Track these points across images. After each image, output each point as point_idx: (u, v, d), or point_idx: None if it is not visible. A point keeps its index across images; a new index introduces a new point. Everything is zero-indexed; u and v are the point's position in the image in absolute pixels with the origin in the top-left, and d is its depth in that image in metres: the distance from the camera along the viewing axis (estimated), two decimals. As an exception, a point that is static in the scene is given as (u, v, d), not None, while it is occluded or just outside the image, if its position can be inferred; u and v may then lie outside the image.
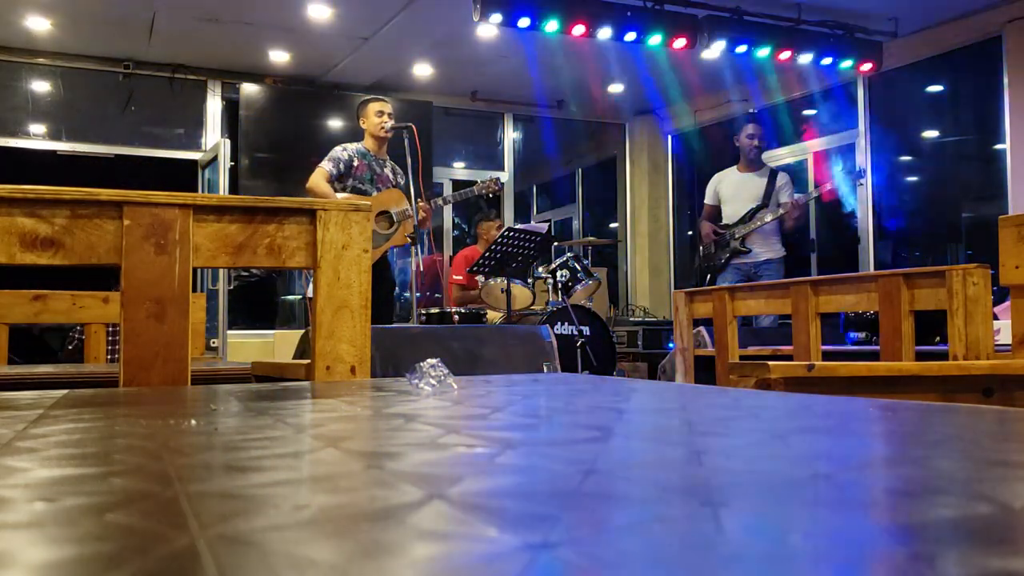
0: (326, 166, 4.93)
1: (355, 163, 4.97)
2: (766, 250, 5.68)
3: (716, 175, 6.04)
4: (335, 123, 7.52)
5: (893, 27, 6.54)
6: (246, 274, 7.64)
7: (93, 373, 2.42)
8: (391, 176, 5.11)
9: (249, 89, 7.29)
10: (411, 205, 4.73)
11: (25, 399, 1.18)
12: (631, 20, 5.77)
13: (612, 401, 1.16)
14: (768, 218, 5.64)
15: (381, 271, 5.03)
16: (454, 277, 6.30)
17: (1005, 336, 3.03)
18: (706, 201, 6.05)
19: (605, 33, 5.80)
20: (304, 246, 1.87)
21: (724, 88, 8.04)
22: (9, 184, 1.67)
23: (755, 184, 5.78)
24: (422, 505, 0.45)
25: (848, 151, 7.33)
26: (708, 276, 5.80)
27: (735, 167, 5.93)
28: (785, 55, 6.27)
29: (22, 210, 1.67)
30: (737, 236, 5.67)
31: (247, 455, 0.65)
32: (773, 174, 5.83)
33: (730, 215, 5.80)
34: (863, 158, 7.18)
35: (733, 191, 5.84)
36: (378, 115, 5.02)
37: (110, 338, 4.15)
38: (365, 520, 0.42)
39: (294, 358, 3.35)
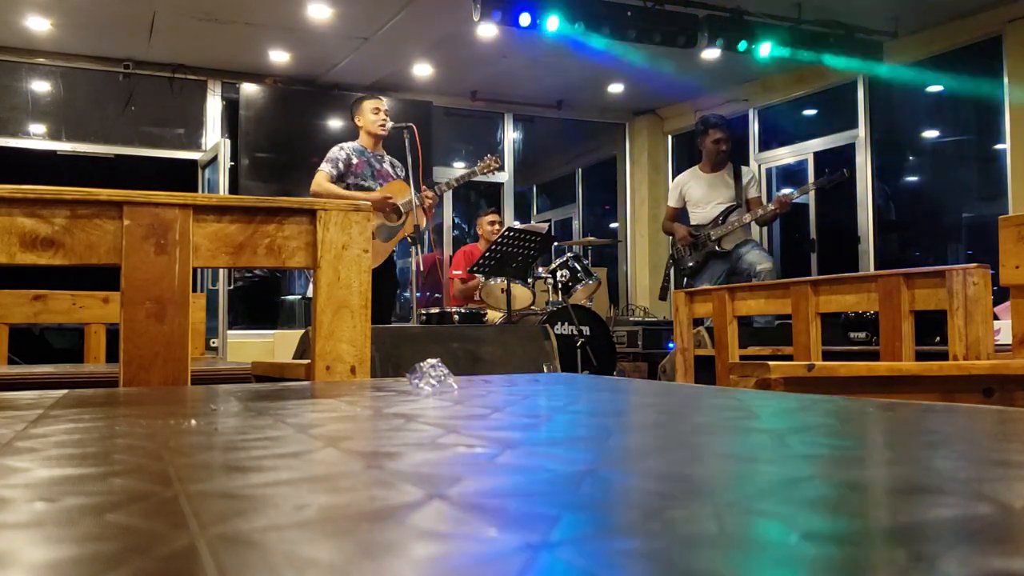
0: (326, 168, 4.93)
1: (354, 160, 4.98)
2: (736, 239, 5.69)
3: (679, 177, 6.00)
4: (335, 123, 7.52)
5: (893, 27, 6.54)
6: (249, 274, 7.63)
7: (93, 373, 2.42)
8: (391, 170, 5.12)
9: (249, 89, 7.30)
10: (414, 195, 4.75)
11: (25, 399, 1.18)
12: (631, 20, 5.77)
13: (612, 401, 1.16)
14: (747, 218, 5.64)
15: (387, 270, 5.03)
16: (454, 272, 6.32)
17: (1005, 336, 3.03)
18: (670, 204, 5.96)
19: (604, 33, 5.80)
20: (304, 246, 1.87)
21: (724, 88, 8.04)
22: (9, 184, 1.67)
23: (725, 185, 5.74)
24: (422, 505, 0.45)
25: (847, 152, 7.33)
26: (685, 280, 5.75)
27: (697, 168, 5.88)
28: (785, 55, 6.26)
29: (22, 210, 1.67)
30: (713, 238, 5.66)
31: (247, 455, 0.65)
32: (738, 172, 5.80)
33: (703, 217, 5.76)
34: (863, 158, 7.18)
35: (703, 194, 5.77)
36: (374, 112, 5.02)
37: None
38: (365, 520, 0.42)
39: (294, 358, 3.35)
